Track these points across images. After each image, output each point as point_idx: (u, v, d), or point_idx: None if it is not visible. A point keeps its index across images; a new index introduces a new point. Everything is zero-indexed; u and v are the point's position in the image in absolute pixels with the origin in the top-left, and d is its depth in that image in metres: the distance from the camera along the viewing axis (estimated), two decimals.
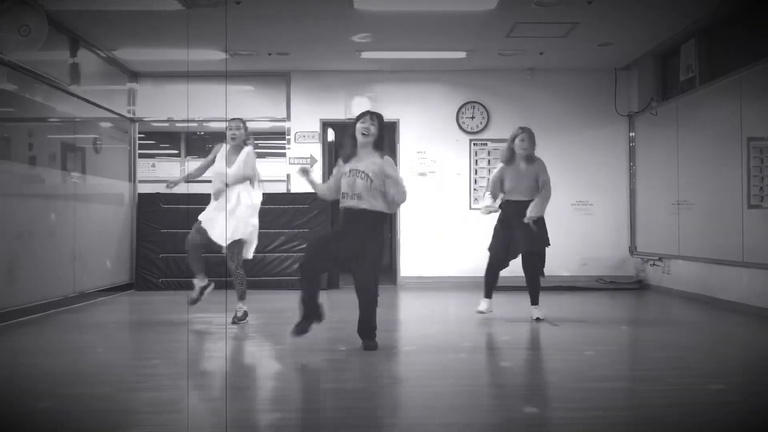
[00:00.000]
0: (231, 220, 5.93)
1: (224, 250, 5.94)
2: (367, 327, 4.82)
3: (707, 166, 7.43)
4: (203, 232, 5.92)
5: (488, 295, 6.30)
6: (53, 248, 7.05)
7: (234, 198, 5.93)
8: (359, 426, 3.22)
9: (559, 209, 8.93)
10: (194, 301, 6.02)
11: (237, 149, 6.05)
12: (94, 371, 4.37)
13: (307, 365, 4.51)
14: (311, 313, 4.81)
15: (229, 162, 6.02)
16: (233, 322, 5.94)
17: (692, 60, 7.90)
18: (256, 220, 6.03)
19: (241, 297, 6.02)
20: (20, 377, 4.19)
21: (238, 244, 5.95)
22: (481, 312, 6.23)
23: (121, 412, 3.44)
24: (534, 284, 6.17)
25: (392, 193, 4.74)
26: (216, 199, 5.96)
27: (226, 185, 5.88)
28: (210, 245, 5.96)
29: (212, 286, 6.04)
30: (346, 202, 4.79)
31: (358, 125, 4.81)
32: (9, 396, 3.76)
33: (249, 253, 6.06)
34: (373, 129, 4.78)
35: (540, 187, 6.11)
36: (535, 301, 6.18)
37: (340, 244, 4.78)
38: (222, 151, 6.08)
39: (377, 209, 4.77)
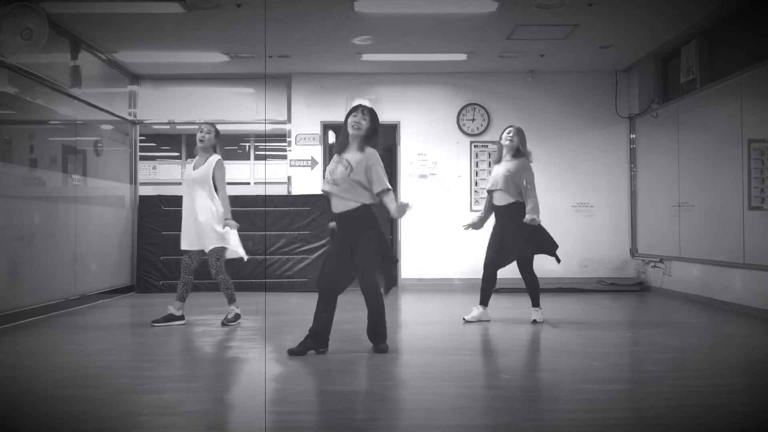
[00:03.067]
0: (196, 230, 5.90)
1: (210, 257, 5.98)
2: (376, 330, 4.81)
3: (708, 167, 7.44)
4: (194, 255, 5.97)
5: (482, 302, 6.19)
6: (54, 250, 7.05)
7: (196, 206, 5.90)
8: (360, 428, 3.22)
9: (560, 211, 8.96)
10: (157, 324, 5.97)
11: (204, 154, 6.06)
12: (95, 373, 4.37)
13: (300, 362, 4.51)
14: (318, 336, 4.73)
15: (196, 165, 6.04)
16: (223, 324, 5.97)
17: (693, 62, 7.90)
18: (220, 227, 5.90)
19: (231, 300, 6.05)
20: (21, 379, 4.19)
21: (218, 252, 5.94)
22: (465, 320, 6.11)
23: (122, 415, 3.44)
24: (532, 287, 6.17)
25: (373, 181, 4.69)
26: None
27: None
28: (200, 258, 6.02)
29: (182, 323, 6.03)
30: (324, 186, 4.81)
31: (350, 119, 4.76)
32: (10, 398, 3.76)
33: (239, 252, 5.99)
34: (364, 123, 4.73)
35: (524, 188, 6.04)
36: (535, 303, 6.18)
37: (342, 252, 4.74)
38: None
39: (353, 199, 4.68)
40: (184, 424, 3.26)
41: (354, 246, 4.69)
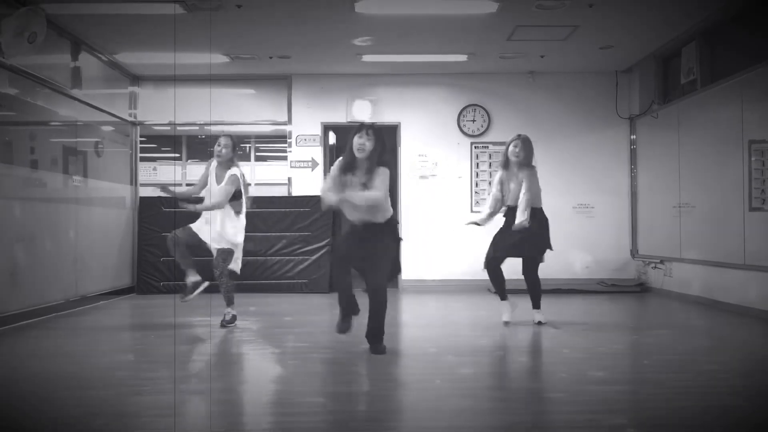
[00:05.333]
0: (217, 232, 5.96)
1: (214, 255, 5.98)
2: (376, 331, 4.81)
3: (708, 168, 7.43)
4: (189, 231, 5.96)
5: (504, 297, 6.15)
6: (55, 252, 7.05)
7: (220, 216, 5.95)
8: (361, 429, 3.22)
9: (561, 212, 8.93)
10: (186, 298, 5.95)
11: (224, 166, 6.06)
12: (96, 375, 4.37)
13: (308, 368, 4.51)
14: (349, 310, 4.91)
15: (218, 179, 6.04)
16: (222, 326, 5.97)
17: (693, 62, 7.90)
18: (240, 239, 6.03)
19: (229, 303, 6.04)
20: (21, 380, 4.19)
21: (225, 254, 5.95)
22: (507, 322, 6.05)
23: (122, 416, 3.44)
24: (534, 289, 6.17)
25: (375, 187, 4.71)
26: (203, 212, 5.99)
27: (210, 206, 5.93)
28: (198, 246, 5.98)
29: (206, 284, 5.97)
30: (354, 215, 4.81)
31: (355, 140, 4.75)
32: (10, 399, 3.76)
33: (237, 266, 6.07)
34: (368, 144, 4.72)
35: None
36: (537, 305, 6.18)
37: (356, 250, 4.80)
38: (212, 167, 6.10)
39: (378, 221, 4.80)
40: (185, 425, 3.26)
41: (373, 247, 4.75)
